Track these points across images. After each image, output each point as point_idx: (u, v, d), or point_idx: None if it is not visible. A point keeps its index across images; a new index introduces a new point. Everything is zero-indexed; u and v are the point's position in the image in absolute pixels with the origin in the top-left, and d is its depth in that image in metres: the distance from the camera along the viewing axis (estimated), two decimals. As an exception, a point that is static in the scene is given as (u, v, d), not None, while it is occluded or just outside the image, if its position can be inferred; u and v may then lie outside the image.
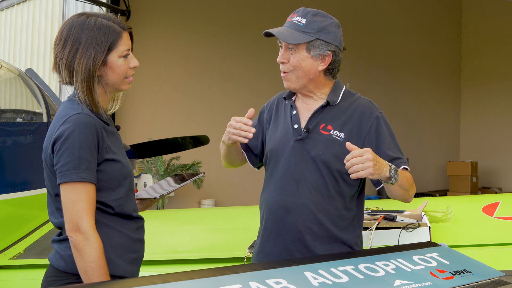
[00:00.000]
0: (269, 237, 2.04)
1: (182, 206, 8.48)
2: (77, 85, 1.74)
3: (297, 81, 2.01)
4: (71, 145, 1.65)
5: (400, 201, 2.00)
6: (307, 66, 1.98)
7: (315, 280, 1.48)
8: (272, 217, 2.03)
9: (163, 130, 8.19)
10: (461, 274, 1.66)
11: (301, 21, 1.98)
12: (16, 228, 3.21)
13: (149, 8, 8.50)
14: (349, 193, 2.02)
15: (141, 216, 1.90)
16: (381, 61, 11.73)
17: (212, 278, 1.40)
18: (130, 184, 1.82)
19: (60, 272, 1.74)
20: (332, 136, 1.99)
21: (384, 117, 2.06)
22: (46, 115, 3.41)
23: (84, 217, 1.64)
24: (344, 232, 2.00)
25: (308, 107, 2.06)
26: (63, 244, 1.75)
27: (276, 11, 9.76)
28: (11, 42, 9.81)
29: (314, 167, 1.98)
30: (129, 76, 1.83)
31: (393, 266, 1.67)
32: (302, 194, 1.97)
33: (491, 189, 11.64)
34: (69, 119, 1.69)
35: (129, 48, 1.82)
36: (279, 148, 2.04)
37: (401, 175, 1.87)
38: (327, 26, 1.99)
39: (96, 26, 1.75)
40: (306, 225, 1.96)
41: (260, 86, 9.49)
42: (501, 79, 12.00)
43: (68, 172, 1.65)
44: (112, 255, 1.73)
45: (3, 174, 3.08)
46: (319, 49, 1.97)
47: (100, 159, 1.72)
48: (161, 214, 4.64)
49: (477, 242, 2.70)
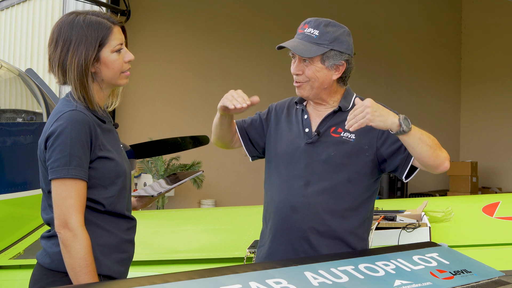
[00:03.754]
0: (274, 236, 2.03)
1: (182, 206, 8.48)
2: (70, 83, 1.74)
3: (311, 90, 2.01)
4: (62, 141, 1.66)
5: (432, 168, 1.92)
6: (322, 77, 1.98)
7: (315, 280, 1.48)
8: (278, 216, 2.02)
9: (163, 128, 8.20)
10: (461, 274, 1.66)
11: (314, 33, 1.97)
12: (16, 228, 3.20)
13: (149, 7, 8.50)
14: (362, 196, 2.00)
15: (133, 217, 1.89)
16: (381, 61, 11.73)
17: (212, 278, 1.40)
18: (123, 182, 1.80)
19: (45, 269, 1.74)
20: (343, 138, 2.00)
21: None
22: (46, 115, 3.41)
23: (73, 213, 1.64)
24: (351, 235, 1.99)
25: (319, 113, 2.07)
26: (50, 241, 1.75)
27: (277, 9, 9.77)
28: (11, 42, 9.80)
29: (325, 169, 1.97)
30: (125, 70, 1.81)
31: (393, 266, 1.67)
32: (310, 194, 1.97)
33: (491, 189, 11.62)
34: (62, 116, 1.69)
35: (122, 42, 1.80)
36: (290, 151, 2.04)
37: (419, 129, 1.83)
38: (340, 35, 1.99)
39: (85, 23, 1.74)
40: (311, 225, 1.96)
41: (260, 84, 9.49)
42: (501, 79, 11.99)
43: (59, 169, 1.65)
44: (99, 254, 1.72)
45: (3, 174, 3.08)
46: (333, 59, 1.98)
47: (93, 157, 1.71)
48: (161, 214, 4.64)
49: (477, 242, 2.70)
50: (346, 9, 10.59)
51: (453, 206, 3.06)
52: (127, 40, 1.85)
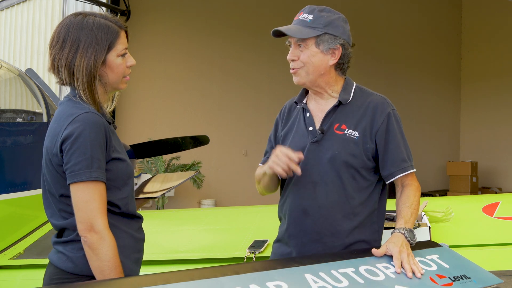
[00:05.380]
0: (289, 239, 2.05)
1: (182, 206, 8.47)
2: (78, 85, 1.73)
3: (306, 76, 2.01)
4: (82, 144, 1.64)
5: None
6: (317, 61, 1.98)
7: (316, 284, 1.48)
8: (291, 219, 2.04)
9: (163, 128, 8.20)
10: (460, 280, 1.66)
11: (308, 17, 1.99)
12: (16, 228, 3.20)
13: (149, 7, 8.50)
14: (368, 189, 2.02)
15: (141, 215, 1.90)
16: (381, 60, 11.72)
17: (212, 280, 1.40)
18: (133, 183, 1.83)
19: (68, 274, 1.72)
20: (347, 135, 1.99)
21: (396, 114, 2.06)
22: (46, 115, 3.41)
23: (98, 216, 1.63)
24: (362, 228, 2.00)
25: (321, 108, 2.06)
26: (70, 245, 1.73)
27: (277, 8, 9.76)
28: (11, 42, 9.80)
29: (331, 168, 1.98)
30: (126, 75, 1.83)
31: (393, 269, 1.67)
32: (319, 196, 1.98)
33: (491, 189, 11.62)
34: (77, 118, 1.67)
35: (126, 47, 1.81)
36: (296, 152, 2.03)
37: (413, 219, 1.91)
38: (334, 20, 2.00)
39: (95, 25, 1.74)
40: (324, 227, 1.97)
41: (261, 83, 9.50)
42: (502, 79, 11.98)
43: (81, 172, 1.63)
44: (121, 256, 1.72)
45: (3, 174, 3.08)
46: (328, 43, 1.97)
47: (107, 158, 1.71)
48: (161, 214, 4.63)
49: (477, 242, 2.69)
50: (346, 9, 10.54)
51: (453, 206, 3.05)
52: (133, 45, 1.87)
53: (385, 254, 1.78)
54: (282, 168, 1.86)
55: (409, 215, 1.91)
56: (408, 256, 1.74)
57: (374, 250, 1.80)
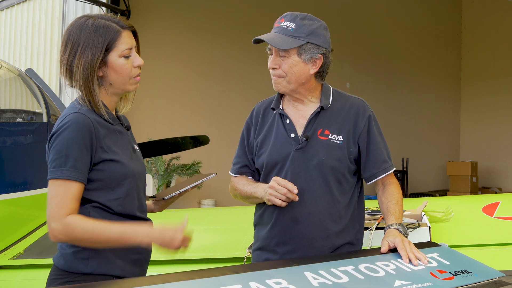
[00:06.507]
0: (276, 246, 2.03)
1: (182, 206, 8.47)
2: (77, 86, 1.75)
3: (288, 85, 2.00)
4: (59, 142, 1.67)
5: None
6: (299, 71, 1.97)
7: (315, 280, 1.48)
8: (279, 228, 2.02)
9: (163, 128, 8.19)
10: (461, 274, 1.66)
11: (290, 26, 1.97)
12: (16, 228, 3.21)
13: (149, 7, 8.50)
14: (350, 191, 2.05)
15: (148, 218, 1.90)
16: (381, 60, 11.72)
17: (212, 278, 1.40)
18: (131, 184, 1.80)
19: (60, 270, 1.74)
20: (331, 140, 2.00)
21: (375, 116, 2.09)
22: (46, 115, 3.41)
23: (57, 210, 1.63)
24: (347, 230, 2.03)
25: (301, 113, 2.05)
26: (63, 243, 1.75)
27: (277, 8, 9.75)
28: (11, 42, 9.80)
29: (318, 174, 1.98)
30: (134, 75, 1.82)
31: (393, 266, 1.67)
32: (308, 203, 1.98)
33: (491, 189, 11.62)
34: (64, 118, 1.71)
35: (131, 47, 1.79)
36: (279, 159, 2.02)
37: (401, 215, 1.97)
38: (316, 29, 1.98)
39: (93, 27, 1.74)
40: (315, 232, 1.98)
41: (261, 83, 9.47)
42: (501, 79, 11.98)
43: (54, 169, 1.66)
44: (110, 255, 1.73)
45: (3, 174, 3.08)
46: (310, 52, 1.96)
47: (97, 159, 1.71)
48: (161, 214, 4.63)
49: (477, 242, 2.69)
50: (346, 10, 10.58)
51: (453, 206, 3.05)
52: (139, 44, 1.85)
53: (389, 247, 1.81)
54: (281, 199, 1.88)
55: (398, 211, 1.95)
56: (410, 245, 1.78)
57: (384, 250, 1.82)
